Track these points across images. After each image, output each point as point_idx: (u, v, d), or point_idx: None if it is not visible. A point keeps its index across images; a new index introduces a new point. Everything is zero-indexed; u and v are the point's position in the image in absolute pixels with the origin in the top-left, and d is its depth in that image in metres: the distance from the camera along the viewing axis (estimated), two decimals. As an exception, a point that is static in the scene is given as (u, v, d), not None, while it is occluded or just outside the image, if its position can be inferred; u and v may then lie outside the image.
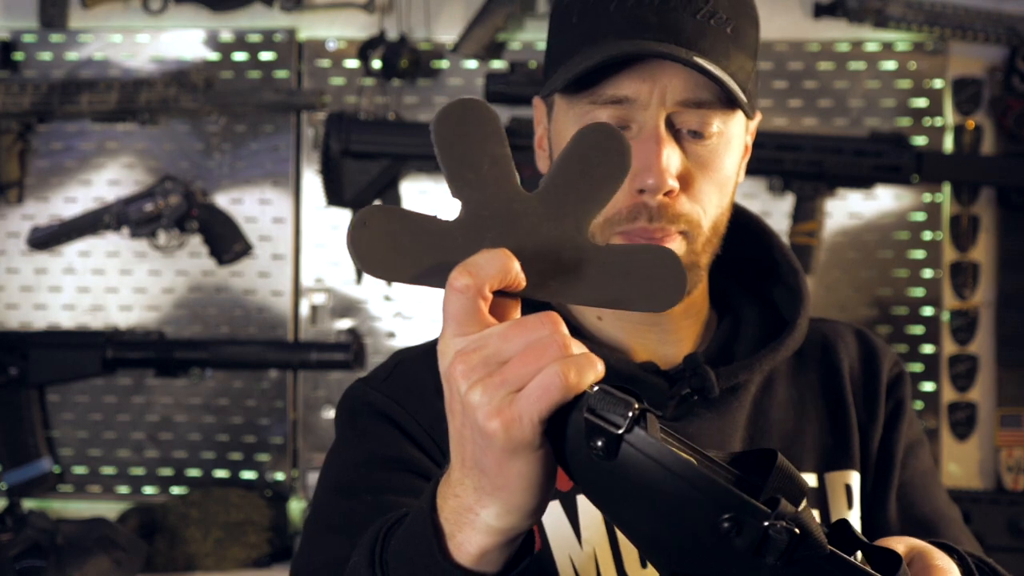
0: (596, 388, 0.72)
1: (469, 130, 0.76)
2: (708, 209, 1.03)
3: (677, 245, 1.01)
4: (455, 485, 0.77)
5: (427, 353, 1.12)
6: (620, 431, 0.71)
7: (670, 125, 1.00)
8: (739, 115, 1.03)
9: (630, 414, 0.71)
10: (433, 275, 0.76)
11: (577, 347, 0.73)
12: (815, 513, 1.08)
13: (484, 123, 0.76)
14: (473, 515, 0.76)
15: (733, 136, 1.04)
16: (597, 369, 0.72)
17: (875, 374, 1.16)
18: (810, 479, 1.11)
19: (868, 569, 0.73)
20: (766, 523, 0.70)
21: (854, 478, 1.12)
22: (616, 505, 0.74)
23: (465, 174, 0.76)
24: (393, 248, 0.76)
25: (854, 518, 1.09)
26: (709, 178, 1.02)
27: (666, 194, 1.00)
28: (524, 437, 0.72)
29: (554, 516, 1.01)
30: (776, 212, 2.35)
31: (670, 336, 1.08)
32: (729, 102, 1.00)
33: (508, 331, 0.73)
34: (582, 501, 1.01)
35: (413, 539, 0.80)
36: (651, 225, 1.00)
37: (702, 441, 1.02)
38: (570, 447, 0.72)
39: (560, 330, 0.73)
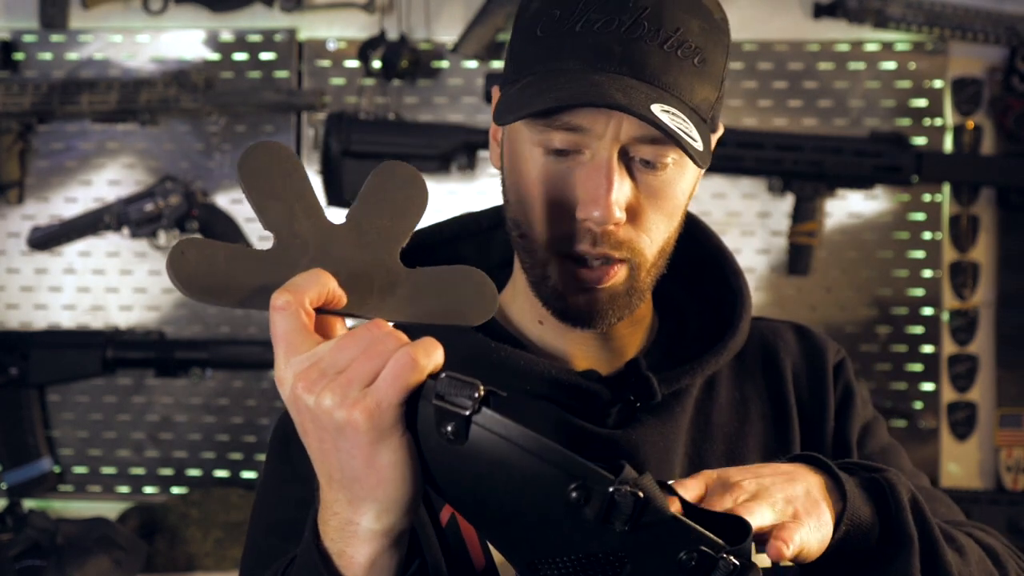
0: (442, 375, 0.76)
1: (272, 168, 0.82)
2: (655, 237, 1.02)
3: (620, 275, 1.00)
4: (331, 505, 0.80)
5: None
6: (468, 412, 0.74)
7: (623, 153, 0.98)
8: None
9: (476, 395, 0.74)
10: (255, 298, 0.82)
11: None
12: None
13: (285, 162, 0.83)
14: (354, 526, 0.80)
15: (687, 165, 1.02)
16: (440, 351, 0.77)
17: (820, 367, 1.16)
18: None
19: (710, 535, 0.75)
20: (611, 488, 0.73)
21: None
22: (470, 493, 0.77)
23: (273, 206, 0.83)
24: (212, 275, 0.81)
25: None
26: (659, 208, 1.01)
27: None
28: (386, 422, 0.75)
29: None
30: (776, 212, 2.35)
31: (611, 343, 1.08)
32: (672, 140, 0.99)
33: (340, 342, 0.77)
34: None
35: (304, 570, 0.83)
36: (593, 249, 0.99)
37: (646, 447, 1.04)
38: (422, 436, 0.76)
39: (392, 329, 0.77)
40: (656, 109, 0.95)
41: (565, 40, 0.97)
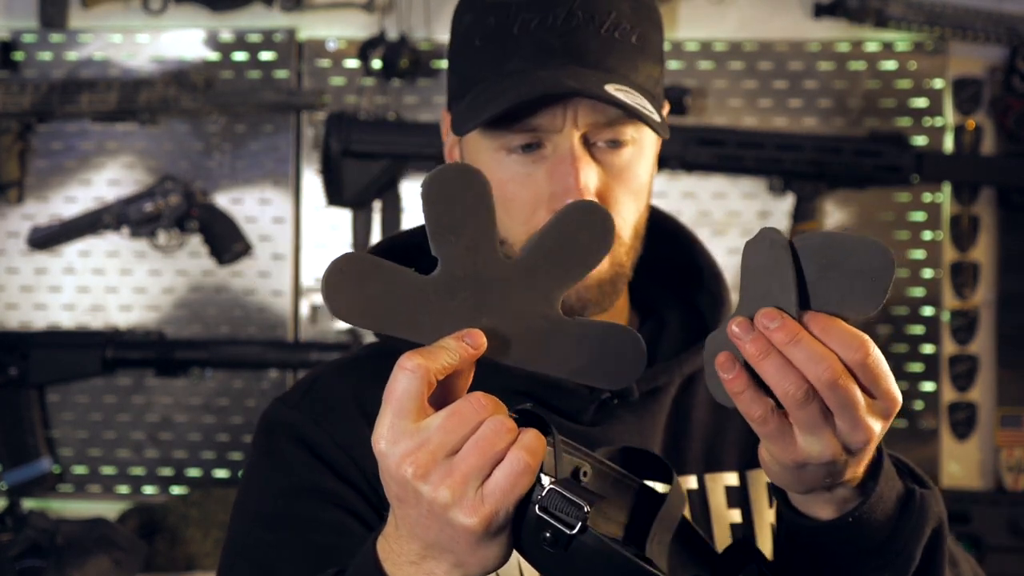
0: (549, 486, 0.77)
1: (459, 195, 0.79)
2: (627, 217, 1.05)
3: (604, 260, 1.00)
4: (424, 561, 0.80)
5: (344, 368, 1.12)
6: (572, 532, 0.76)
7: (584, 140, 1.01)
8: None
9: (583, 515, 0.76)
10: (401, 328, 0.80)
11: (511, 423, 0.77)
12: (737, 512, 1.10)
13: (475, 189, 0.80)
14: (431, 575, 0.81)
15: (646, 142, 1.06)
16: (543, 444, 0.77)
17: None
18: (731, 477, 1.12)
19: None
20: None
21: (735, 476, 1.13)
22: None
23: (447, 235, 0.80)
24: (365, 296, 0.79)
25: (773, 515, 1.10)
26: (626, 187, 1.04)
27: None
28: (500, 525, 0.77)
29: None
30: (776, 212, 2.35)
31: None
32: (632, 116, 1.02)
33: (447, 423, 0.77)
34: None
35: None
36: None
37: (622, 443, 1.04)
38: (523, 532, 0.77)
39: (495, 412, 0.77)
40: (610, 89, 0.98)
41: (505, 44, 0.99)
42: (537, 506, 0.76)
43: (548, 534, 0.76)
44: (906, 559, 0.93)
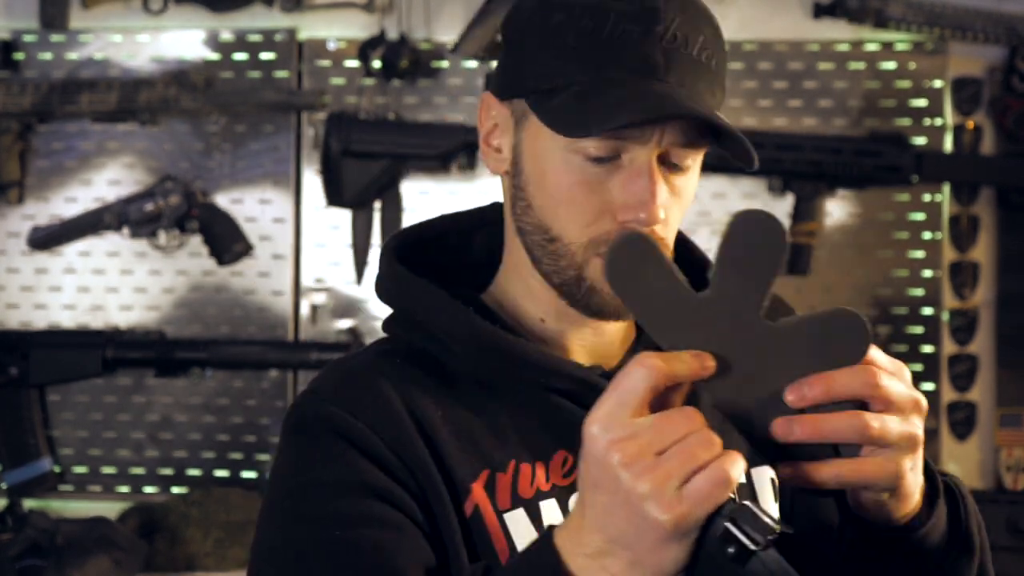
0: (742, 503, 0.81)
1: (760, 242, 0.87)
2: (674, 235, 1.08)
3: None
4: (601, 556, 0.83)
5: (373, 363, 1.09)
6: (756, 548, 0.80)
7: (658, 157, 1.03)
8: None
9: (769, 536, 0.79)
10: (653, 323, 0.87)
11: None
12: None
13: (774, 245, 0.87)
14: (606, 572, 0.83)
15: (697, 167, 1.10)
16: (742, 465, 0.82)
17: None
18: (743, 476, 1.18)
19: None
20: None
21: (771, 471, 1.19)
22: None
23: (731, 269, 0.87)
24: (638, 278, 0.88)
25: (775, 510, 1.15)
26: (680, 207, 1.07)
27: None
28: (686, 530, 0.80)
29: (522, 525, 1.03)
30: (776, 212, 2.34)
31: (604, 337, 1.12)
32: (705, 141, 1.05)
33: (660, 423, 0.82)
34: (544, 507, 1.04)
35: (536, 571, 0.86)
36: None
37: None
38: (705, 541, 0.81)
39: (704, 426, 0.82)
40: (722, 121, 1.01)
41: (606, 50, 1.00)
42: (728, 519, 0.80)
43: (732, 548, 0.80)
44: (970, 538, 1.00)
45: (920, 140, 2.33)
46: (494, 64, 2.36)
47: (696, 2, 1.04)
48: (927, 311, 2.35)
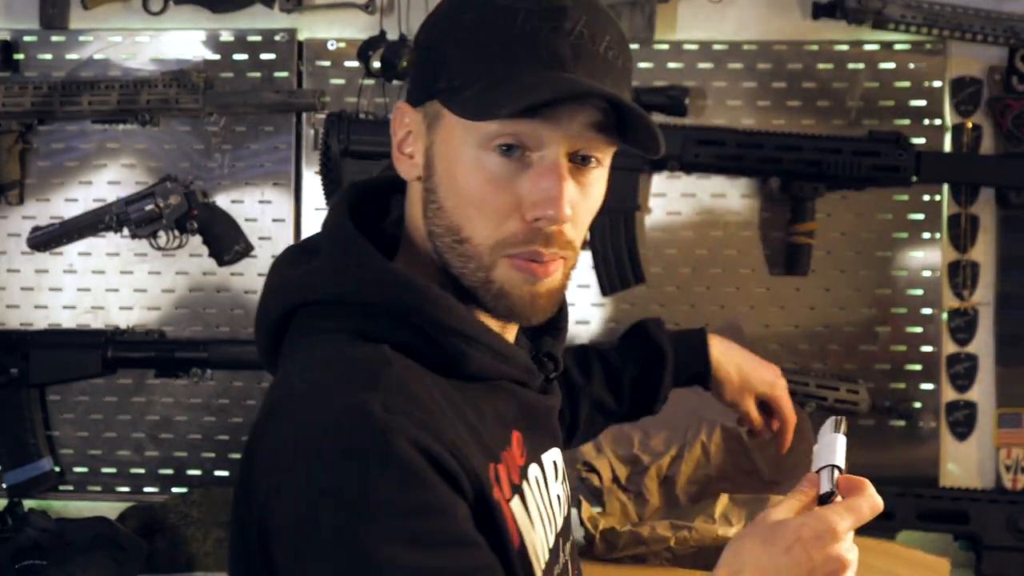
0: None
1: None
2: (583, 233, 1.11)
3: (559, 271, 1.09)
4: None
5: (398, 361, 1.03)
6: None
7: (567, 157, 1.05)
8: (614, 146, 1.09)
9: None
10: None
11: None
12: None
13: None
14: None
15: (607, 163, 1.10)
16: None
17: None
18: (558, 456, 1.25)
19: None
20: None
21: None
22: None
23: None
24: None
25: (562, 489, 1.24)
26: (589, 206, 1.09)
27: None
28: None
29: (519, 512, 1.08)
30: (775, 212, 2.35)
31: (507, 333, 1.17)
32: (613, 139, 1.06)
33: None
34: (526, 490, 1.11)
35: None
36: (546, 250, 1.05)
37: (557, 408, 1.22)
38: None
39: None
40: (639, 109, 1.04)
41: (516, 45, 1.02)
42: None
43: None
44: None
45: (919, 140, 2.33)
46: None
47: (601, 6, 1.07)
48: (927, 311, 2.35)
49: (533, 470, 1.14)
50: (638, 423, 1.96)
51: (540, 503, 1.13)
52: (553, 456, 1.21)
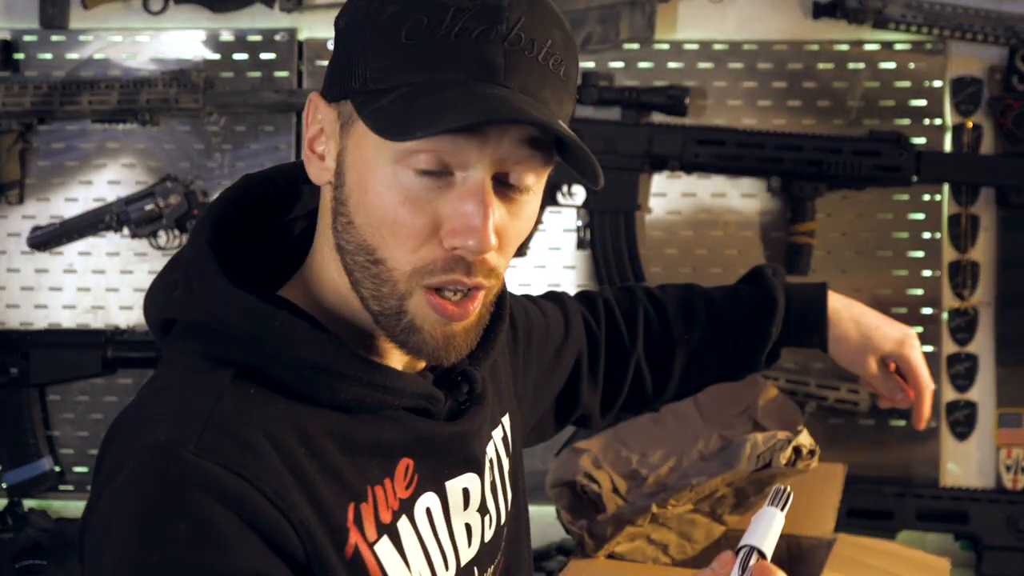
0: None
1: None
2: (510, 257, 1.00)
3: (478, 304, 0.98)
4: None
5: (233, 395, 0.93)
6: None
7: (492, 176, 0.94)
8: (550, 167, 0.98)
9: None
10: None
11: None
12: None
13: None
14: None
15: (541, 187, 0.99)
16: None
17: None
18: (498, 432, 1.19)
19: None
20: None
21: (507, 419, 1.22)
22: None
23: None
24: None
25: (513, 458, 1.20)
26: (517, 230, 0.98)
27: None
28: None
29: (389, 554, 0.98)
30: (776, 212, 2.35)
31: None
32: (550, 158, 0.96)
33: None
34: (401, 528, 1.00)
35: None
36: (468, 279, 0.95)
37: (477, 433, 1.10)
38: None
39: None
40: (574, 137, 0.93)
41: (442, 48, 0.90)
42: None
43: None
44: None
45: (920, 140, 2.33)
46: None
47: (547, 3, 0.95)
48: (927, 311, 2.35)
49: (426, 501, 1.03)
50: (635, 445, 1.96)
51: (429, 538, 1.03)
52: (464, 483, 1.09)
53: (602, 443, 1.97)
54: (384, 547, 0.97)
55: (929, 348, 2.35)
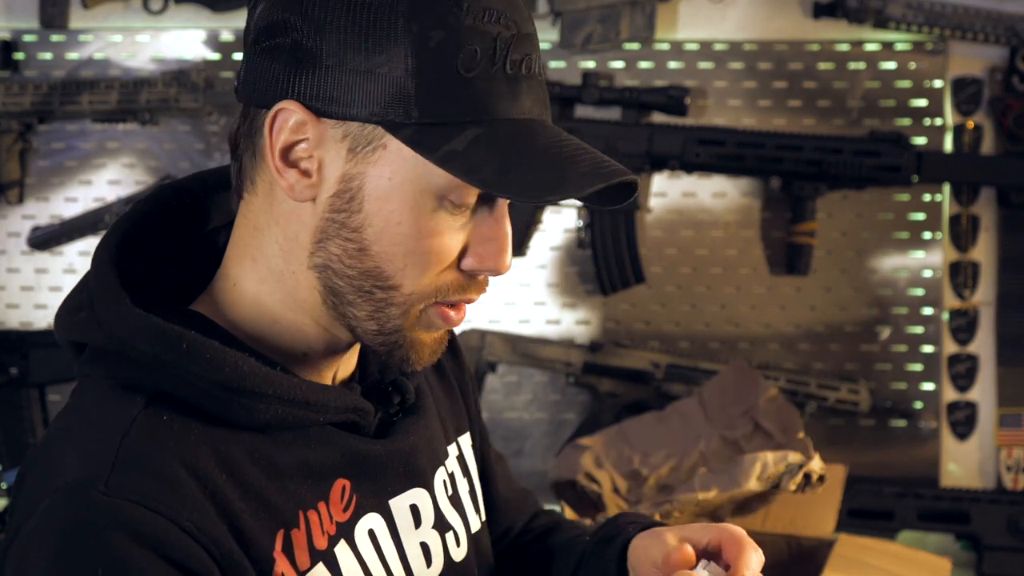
0: None
1: None
2: None
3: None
4: None
5: (145, 424, 0.89)
6: None
7: None
8: None
9: None
10: None
11: None
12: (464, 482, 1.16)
13: None
14: None
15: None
16: None
17: (454, 343, 1.23)
18: (452, 449, 1.15)
19: None
20: None
21: (466, 438, 1.19)
22: None
23: None
24: None
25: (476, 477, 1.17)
26: None
27: None
28: None
29: None
30: (776, 211, 2.35)
31: (345, 354, 1.04)
32: None
33: None
34: (339, 553, 0.96)
35: None
36: (477, 296, 0.97)
37: (419, 446, 1.05)
38: None
39: None
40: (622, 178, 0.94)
41: (500, 84, 0.90)
42: None
43: None
44: None
45: (920, 140, 2.33)
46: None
47: (529, 15, 0.97)
48: (927, 311, 2.35)
49: (368, 522, 0.99)
50: (638, 443, 1.96)
51: (373, 561, 0.99)
52: (411, 500, 1.04)
53: (605, 440, 1.97)
54: (318, 574, 0.93)
55: (930, 348, 2.35)
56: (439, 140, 0.89)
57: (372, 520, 0.99)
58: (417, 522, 1.05)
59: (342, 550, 0.96)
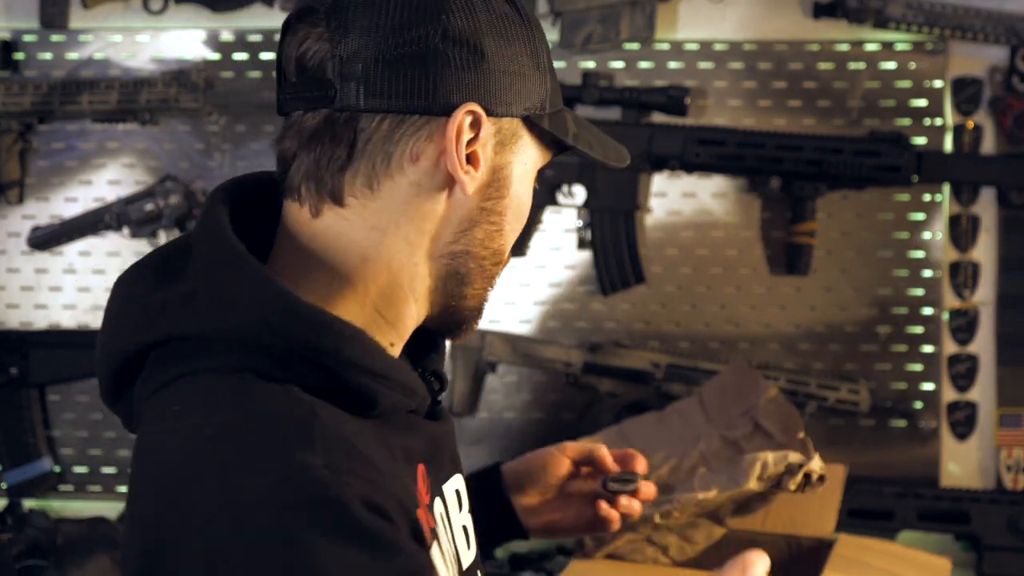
0: None
1: None
2: None
3: None
4: None
5: (325, 412, 0.89)
6: None
7: None
8: None
9: None
10: None
11: None
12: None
13: None
14: None
15: None
16: None
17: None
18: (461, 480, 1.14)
19: None
20: None
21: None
22: None
23: None
24: None
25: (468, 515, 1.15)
26: None
27: None
28: None
29: (439, 560, 0.98)
30: (775, 211, 2.35)
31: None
32: None
33: None
34: (439, 531, 1.00)
35: None
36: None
37: (452, 428, 1.09)
38: None
39: None
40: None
41: (553, 77, 1.04)
42: None
43: None
44: None
45: (920, 140, 2.33)
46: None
47: None
48: (927, 311, 2.35)
49: (437, 506, 1.02)
50: (638, 443, 1.95)
51: (446, 542, 1.02)
52: (455, 485, 1.08)
53: (605, 440, 1.97)
54: (436, 552, 0.97)
55: (930, 348, 2.35)
56: (563, 127, 1.04)
57: (438, 505, 1.03)
58: (460, 506, 1.09)
59: (437, 530, 1.01)
